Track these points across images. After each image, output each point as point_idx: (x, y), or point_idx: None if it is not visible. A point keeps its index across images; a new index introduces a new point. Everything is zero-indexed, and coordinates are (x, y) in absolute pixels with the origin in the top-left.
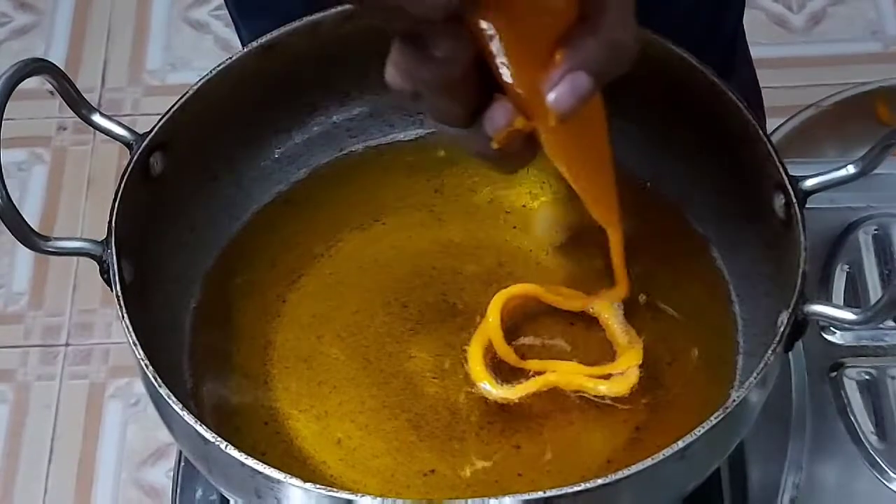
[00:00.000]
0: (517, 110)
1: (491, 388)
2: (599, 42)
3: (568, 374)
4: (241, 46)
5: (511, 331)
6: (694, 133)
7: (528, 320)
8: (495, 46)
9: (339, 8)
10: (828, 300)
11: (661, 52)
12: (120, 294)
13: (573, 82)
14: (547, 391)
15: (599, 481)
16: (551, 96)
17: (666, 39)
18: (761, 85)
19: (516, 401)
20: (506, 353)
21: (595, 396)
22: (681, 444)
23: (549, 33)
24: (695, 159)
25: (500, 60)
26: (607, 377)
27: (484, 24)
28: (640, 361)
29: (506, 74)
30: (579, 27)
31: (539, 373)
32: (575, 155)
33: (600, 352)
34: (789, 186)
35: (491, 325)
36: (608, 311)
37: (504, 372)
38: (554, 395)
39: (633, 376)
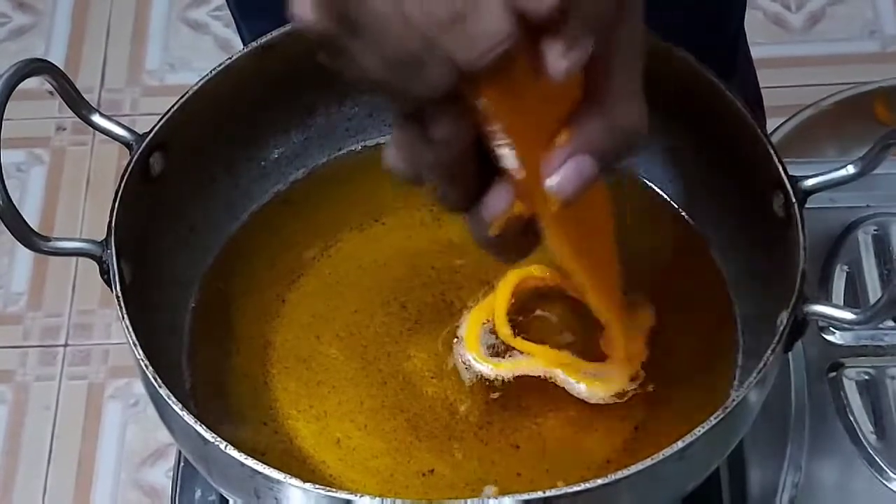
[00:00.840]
0: (516, 196)
1: (474, 361)
2: (605, 125)
3: (554, 363)
4: (241, 46)
5: (517, 310)
6: (694, 133)
7: (537, 302)
8: (495, 128)
9: None
10: (827, 300)
11: (660, 52)
12: (120, 294)
13: (577, 166)
14: (546, 390)
15: (599, 481)
16: (553, 180)
17: (665, 40)
18: (760, 85)
19: (492, 377)
20: (501, 324)
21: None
22: (680, 444)
23: (552, 115)
24: (695, 159)
25: (500, 143)
26: (594, 376)
27: (483, 106)
28: (631, 374)
29: (506, 158)
30: (585, 109)
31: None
32: (577, 246)
33: (599, 350)
34: (789, 186)
35: (499, 296)
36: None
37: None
38: (554, 394)
39: (617, 383)
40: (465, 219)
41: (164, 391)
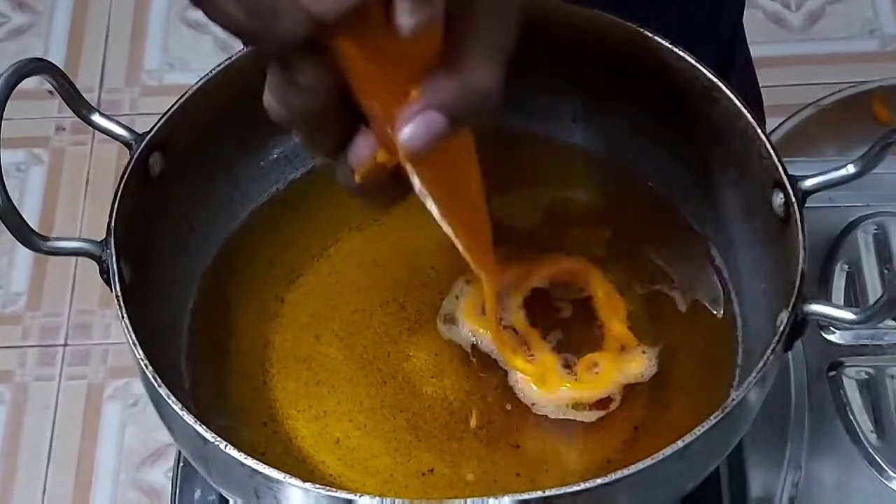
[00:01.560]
0: (379, 145)
1: (468, 325)
2: (458, 84)
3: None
4: (241, 46)
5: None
6: (693, 132)
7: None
8: (355, 79)
9: None
10: (827, 300)
11: (659, 51)
12: (119, 294)
13: (426, 121)
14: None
15: (599, 481)
16: (403, 133)
17: (664, 39)
18: (759, 84)
19: (467, 349)
20: (491, 308)
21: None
22: (680, 444)
23: (408, 70)
24: (695, 159)
25: (360, 93)
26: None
27: (341, 57)
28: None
29: (367, 108)
30: (440, 67)
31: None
32: (443, 197)
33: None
34: (789, 186)
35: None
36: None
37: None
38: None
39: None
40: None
41: (163, 391)
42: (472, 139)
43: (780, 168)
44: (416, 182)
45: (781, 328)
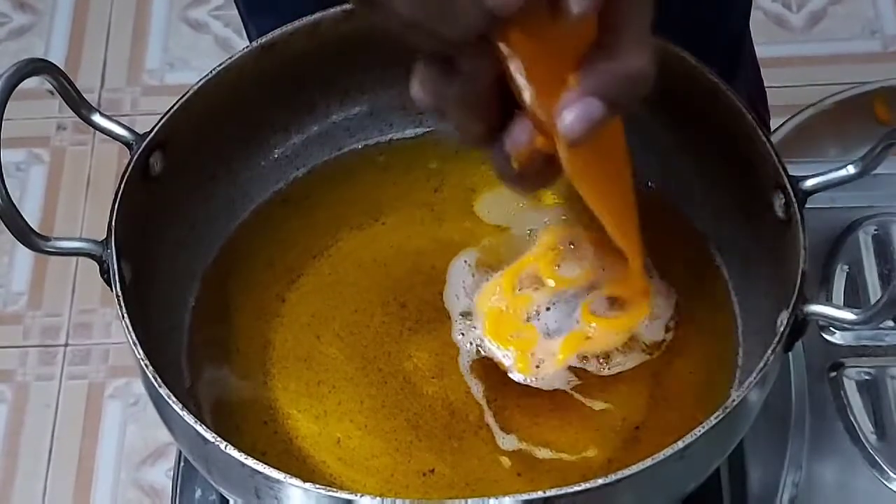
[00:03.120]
0: (537, 130)
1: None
2: (614, 69)
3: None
4: (241, 45)
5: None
6: (694, 133)
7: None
8: (516, 67)
9: (340, 7)
10: (828, 300)
11: (660, 51)
12: (120, 294)
13: (585, 108)
14: (547, 390)
15: (599, 481)
16: (562, 120)
17: (665, 39)
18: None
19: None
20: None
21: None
22: (681, 444)
23: (567, 58)
24: (695, 159)
25: (521, 81)
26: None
27: (506, 46)
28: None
29: (526, 95)
30: (595, 53)
31: None
32: (594, 181)
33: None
34: (789, 186)
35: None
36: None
37: None
38: (553, 395)
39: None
40: (488, 157)
41: (164, 391)
42: (621, 123)
43: (781, 168)
44: (569, 167)
45: (782, 328)
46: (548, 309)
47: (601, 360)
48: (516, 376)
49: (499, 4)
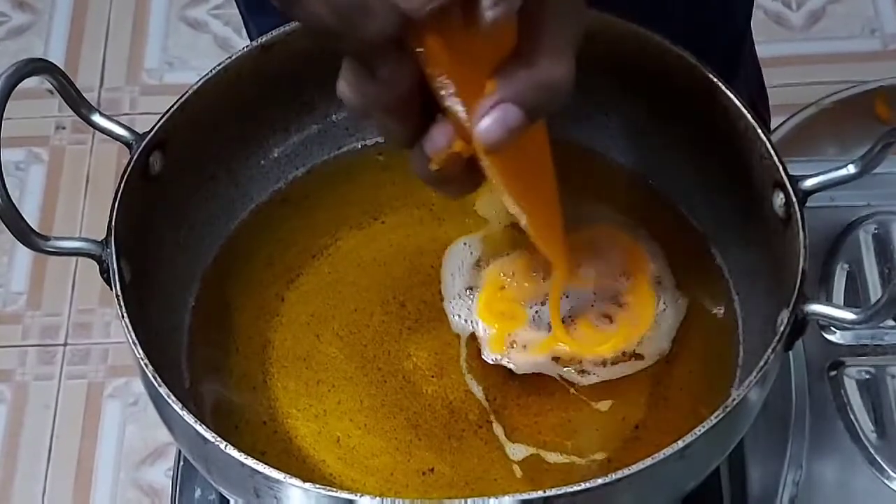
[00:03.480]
0: (458, 135)
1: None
2: (531, 77)
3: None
4: (240, 45)
5: None
6: (694, 132)
7: None
8: (434, 72)
9: None
10: (828, 299)
11: (660, 51)
12: (119, 293)
13: (502, 114)
14: (547, 390)
15: (599, 481)
16: (479, 126)
17: (665, 39)
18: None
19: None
20: (555, 299)
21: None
22: (681, 443)
23: (485, 63)
24: (695, 158)
25: (439, 87)
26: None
27: (423, 51)
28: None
29: (444, 100)
30: (513, 60)
31: None
32: (516, 185)
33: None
34: (789, 186)
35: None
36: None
37: None
38: (553, 394)
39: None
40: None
41: (163, 390)
42: (545, 130)
43: (781, 168)
44: (489, 171)
45: (782, 328)
46: (542, 304)
47: (577, 369)
48: (486, 353)
49: (409, 8)
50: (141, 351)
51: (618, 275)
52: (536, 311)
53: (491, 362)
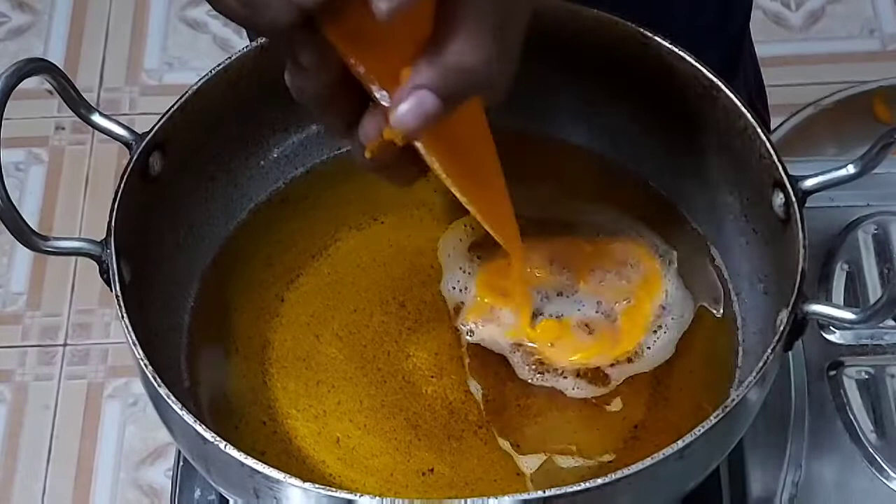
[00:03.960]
0: (386, 122)
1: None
2: (445, 63)
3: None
4: (239, 45)
5: None
6: (694, 132)
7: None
8: (351, 62)
9: None
10: (827, 299)
11: (660, 51)
12: (119, 294)
13: (417, 101)
14: (547, 390)
15: (599, 481)
16: (395, 114)
17: (665, 38)
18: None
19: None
20: (518, 279)
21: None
22: (681, 443)
23: (401, 52)
24: (695, 159)
25: (359, 75)
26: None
27: (331, 41)
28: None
29: (369, 89)
30: (427, 48)
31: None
32: (454, 173)
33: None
34: (789, 186)
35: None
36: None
37: None
38: (553, 394)
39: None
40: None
41: (163, 391)
42: (481, 115)
43: (781, 168)
44: (427, 159)
45: (781, 328)
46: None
47: (534, 367)
48: (459, 319)
49: (300, 1)
50: (141, 351)
51: (622, 297)
52: (542, 298)
53: (458, 328)
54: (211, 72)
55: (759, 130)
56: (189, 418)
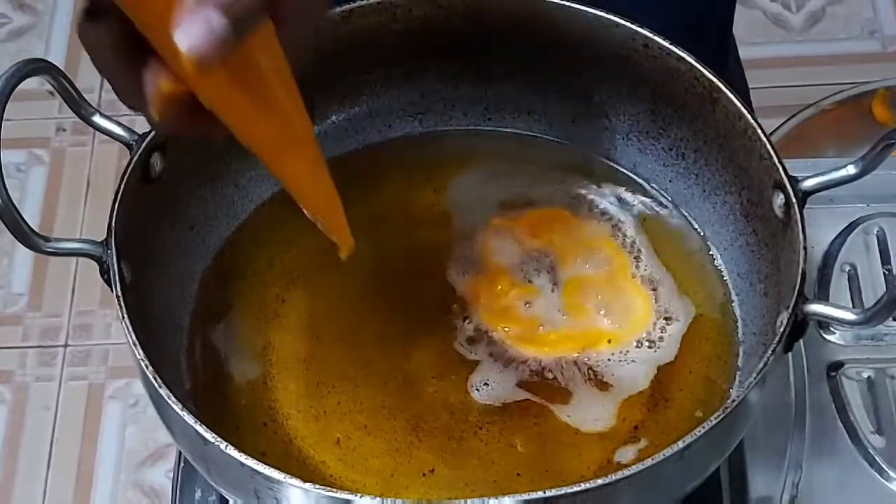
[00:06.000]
0: (171, 75)
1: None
2: None
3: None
4: None
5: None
6: (693, 132)
7: None
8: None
9: (338, 9)
10: (827, 300)
11: (660, 52)
12: (120, 294)
13: (204, 21)
14: (547, 390)
15: (599, 481)
16: (181, 40)
17: (665, 39)
18: (759, 85)
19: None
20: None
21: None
22: (681, 444)
23: None
24: (694, 158)
25: (136, 18)
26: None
27: None
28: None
29: (144, 29)
30: None
31: None
32: (246, 128)
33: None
34: (789, 187)
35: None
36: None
37: None
38: (554, 395)
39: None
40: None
41: (164, 391)
42: (281, 66)
43: (781, 168)
44: (209, 105)
45: (782, 329)
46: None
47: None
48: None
49: None
50: (141, 352)
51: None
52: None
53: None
54: None
55: (759, 131)
56: (190, 419)
